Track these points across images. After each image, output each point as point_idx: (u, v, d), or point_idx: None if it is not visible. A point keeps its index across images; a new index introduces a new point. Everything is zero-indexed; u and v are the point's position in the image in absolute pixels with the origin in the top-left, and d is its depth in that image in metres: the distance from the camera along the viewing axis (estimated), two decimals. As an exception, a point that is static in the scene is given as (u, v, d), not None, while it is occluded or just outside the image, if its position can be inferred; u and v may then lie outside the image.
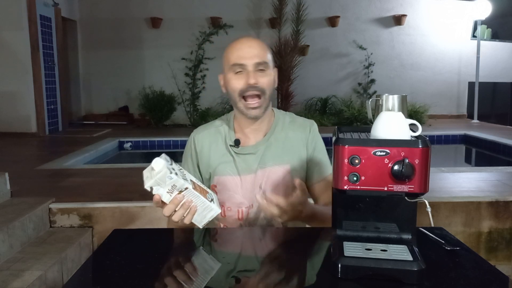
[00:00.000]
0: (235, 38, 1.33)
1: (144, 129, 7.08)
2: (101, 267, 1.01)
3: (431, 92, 8.12)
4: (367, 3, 8.14)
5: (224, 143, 1.37)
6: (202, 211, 1.12)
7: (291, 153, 1.35)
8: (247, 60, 1.26)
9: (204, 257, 1.08)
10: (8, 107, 6.17)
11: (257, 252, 1.14)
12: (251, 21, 7.97)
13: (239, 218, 1.34)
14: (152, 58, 7.91)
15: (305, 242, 1.16)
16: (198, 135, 1.40)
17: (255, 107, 1.28)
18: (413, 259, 0.87)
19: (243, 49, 1.28)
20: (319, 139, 1.41)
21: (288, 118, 1.42)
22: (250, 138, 1.36)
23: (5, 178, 2.86)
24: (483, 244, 2.78)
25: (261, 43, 1.31)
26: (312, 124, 1.42)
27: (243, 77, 1.27)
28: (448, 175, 3.54)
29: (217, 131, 1.39)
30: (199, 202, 1.10)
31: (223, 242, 1.21)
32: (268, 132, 1.37)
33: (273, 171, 1.33)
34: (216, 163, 1.35)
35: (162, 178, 1.05)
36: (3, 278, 2.05)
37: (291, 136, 1.37)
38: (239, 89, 1.27)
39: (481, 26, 7.84)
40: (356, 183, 0.84)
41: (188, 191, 1.08)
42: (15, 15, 6.08)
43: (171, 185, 1.06)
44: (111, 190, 3.17)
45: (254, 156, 1.34)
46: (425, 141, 0.84)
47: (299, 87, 7.78)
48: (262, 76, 1.28)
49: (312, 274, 0.96)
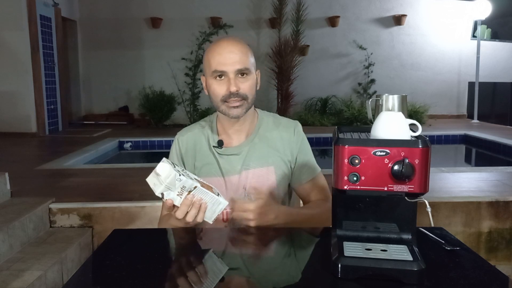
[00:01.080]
0: (217, 39, 1.31)
1: (144, 129, 7.08)
2: (101, 267, 1.01)
3: (431, 92, 8.12)
4: (367, 3, 8.14)
5: (208, 144, 1.37)
6: (212, 207, 1.13)
7: (275, 154, 1.35)
8: (228, 67, 1.24)
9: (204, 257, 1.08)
10: (8, 107, 6.17)
11: (257, 252, 1.14)
12: (251, 21, 7.97)
13: (223, 219, 1.33)
14: (152, 58, 7.91)
15: (305, 242, 1.16)
16: (182, 137, 1.40)
17: (236, 106, 1.27)
18: (413, 259, 0.87)
19: (224, 55, 1.25)
20: (305, 140, 1.40)
21: (271, 118, 1.41)
22: (233, 139, 1.36)
23: (5, 178, 2.86)
24: (483, 244, 2.78)
25: (242, 47, 1.28)
26: (296, 125, 1.41)
27: (224, 83, 1.26)
28: (448, 175, 3.54)
29: (200, 132, 1.39)
30: (209, 198, 1.11)
31: (222, 242, 1.21)
32: (252, 133, 1.37)
33: (257, 172, 1.33)
34: (201, 165, 1.36)
35: (172, 182, 1.06)
36: (3, 278, 2.05)
37: (275, 137, 1.37)
38: (221, 95, 1.27)
39: (481, 26, 7.84)
40: (356, 183, 0.85)
41: (197, 189, 1.09)
42: (15, 15, 6.08)
43: (180, 187, 1.07)
44: (111, 190, 3.17)
45: (237, 157, 1.34)
46: (425, 141, 0.84)
47: (299, 87, 7.78)
48: (244, 82, 1.26)
49: (312, 274, 0.96)
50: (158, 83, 7.56)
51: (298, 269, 1.00)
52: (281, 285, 0.93)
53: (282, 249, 1.14)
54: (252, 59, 1.31)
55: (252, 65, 1.29)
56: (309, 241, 1.17)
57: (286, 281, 0.94)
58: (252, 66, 1.30)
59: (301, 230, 1.26)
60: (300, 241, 1.17)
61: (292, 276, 0.96)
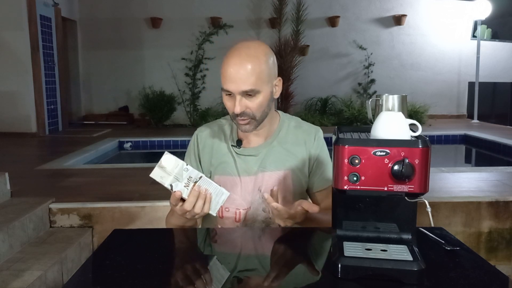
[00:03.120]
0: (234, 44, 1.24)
1: (144, 129, 7.08)
2: (101, 267, 1.01)
3: (431, 92, 8.12)
4: (367, 3, 8.14)
5: (226, 143, 1.36)
6: (215, 197, 1.14)
7: (293, 158, 1.34)
8: (234, 87, 1.20)
9: (205, 257, 1.08)
10: (8, 107, 6.17)
11: (257, 252, 1.14)
12: (251, 21, 7.97)
13: (236, 219, 1.33)
14: (152, 58, 7.91)
15: (305, 242, 1.16)
16: (202, 133, 1.40)
17: (245, 124, 1.25)
18: (413, 259, 0.87)
19: (232, 74, 1.19)
20: (324, 147, 1.38)
21: (293, 123, 1.39)
22: (252, 140, 1.35)
23: (5, 178, 2.86)
24: (483, 244, 2.78)
25: (253, 63, 1.19)
26: (317, 131, 1.39)
27: (233, 100, 1.23)
28: (448, 175, 3.54)
29: (220, 130, 1.39)
30: (212, 188, 1.13)
31: (223, 242, 1.21)
32: (272, 135, 1.35)
33: (273, 175, 1.32)
34: (217, 162, 1.35)
35: (180, 172, 1.08)
36: (3, 278, 2.05)
37: (294, 142, 1.35)
38: (231, 111, 1.25)
39: (481, 26, 7.84)
40: (356, 183, 0.85)
41: (202, 179, 1.11)
42: (15, 15, 6.08)
43: (187, 178, 1.09)
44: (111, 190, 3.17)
45: (255, 159, 1.33)
46: (425, 141, 0.84)
47: (299, 87, 7.78)
48: (251, 101, 1.22)
49: (312, 274, 0.96)
50: (158, 83, 7.56)
51: (298, 269, 1.00)
52: (281, 285, 0.93)
53: (282, 249, 1.14)
54: (265, 73, 1.21)
55: (263, 83, 1.21)
56: (309, 241, 1.17)
57: (286, 281, 0.94)
58: (263, 82, 1.22)
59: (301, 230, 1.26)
60: (301, 241, 1.17)
61: (292, 276, 0.96)
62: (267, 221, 1.32)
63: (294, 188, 1.34)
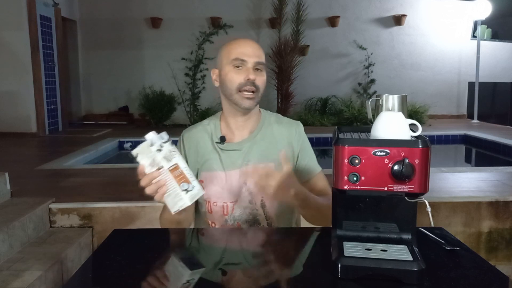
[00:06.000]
0: (233, 39, 1.37)
1: (144, 129, 7.04)
2: (101, 267, 1.00)
3: (431, 92, 8.12)
4: (367, 3, 8.14)
5: (211, 140, 1.41)
6: (174, 197, 1.12)
7: (275, 151, 1.37)
8: (249, 58, 1.31)
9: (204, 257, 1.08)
10: (8, 107, 6.17)
11: (257, 252, 1.14)
12: (251, 21, 7.97)
13: (224, 213, 1.35)
14: (152, 58, 7.91)
15: (305, 242, 1.16)
16: (187, 134, 1.45)
17: (250, 98, 1.32)
18: (413, 259, 0.87)
19: (245, 47, 1.34)
20: (305, 140, 1.44)
21: (274, 117, 1.46)
22: (236, 135, 1.40)
23: (5, 178, 2.86)
24: (483, 244, 2.78)
25: (259, 46, 1.38)
26: (298, 124, 1.45)
27: (242, 72, 1.32)
28: (448, 175, 3.54)
29: (204, 129, 1.43)
30: (171, 186, 1.11)
31: (221, 242, 1.21)
32: (255, 130, 1.40)
33: (257, 168, 1.34)
34: (203, 160, 1.39)
35: (144, 148, 1.10)
36: (3, 278, 2.05)
37: (276, 135, 1.41)
38: (238, 83, 1.31)
39: (481, 26, 7.84)
40: (356, 183, 0.84)
41: (162, 170, 1.10)
42: (15, 15, 6.08)
43: (151, 159, 1.10)
44: (111, 190, 3.16)
45: (239, 153, 1.37)
46: (425, 141, 0.84)
47: (299, 87, 7.78)
48: (259, 75, 1.33)
49: (312, 274, 0.96)
50: (158, 83, 7.56)
51: (298, 269, 1.00)
52: (281, 285, 0.93)
53: (282, 249, 1.14)
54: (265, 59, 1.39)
55: (265, 64, 1.37)
56: (309, 241, 1.17)
57: (287, 281, 0.94)
58: (265, 65, 1.38)
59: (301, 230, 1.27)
60: (300, 241, 1.17)
61: (292, 276, 0.95)
62: (254, 213, 1.35)
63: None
